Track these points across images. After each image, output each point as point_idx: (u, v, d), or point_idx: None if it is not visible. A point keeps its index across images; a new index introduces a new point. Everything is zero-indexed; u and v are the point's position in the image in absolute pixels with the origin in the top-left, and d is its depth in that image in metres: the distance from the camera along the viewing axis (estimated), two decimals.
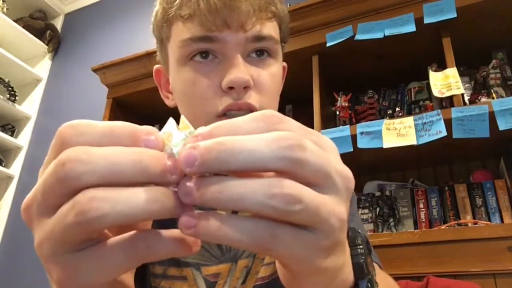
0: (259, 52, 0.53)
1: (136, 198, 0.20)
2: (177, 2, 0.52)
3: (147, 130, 0.22)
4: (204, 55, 0.51)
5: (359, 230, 0.34)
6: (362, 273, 0.31)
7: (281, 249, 0.22)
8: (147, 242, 0.22)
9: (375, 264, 0.42)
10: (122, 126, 0.22)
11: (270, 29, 0.53)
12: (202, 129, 0.22)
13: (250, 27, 0.50)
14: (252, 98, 0.50)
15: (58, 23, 2.87)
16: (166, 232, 0.22)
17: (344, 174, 0.24)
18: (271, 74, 0.53)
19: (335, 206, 0.23)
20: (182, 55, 0.52)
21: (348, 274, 0.30)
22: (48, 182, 0.21)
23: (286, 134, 0.21)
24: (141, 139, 0.22)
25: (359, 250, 0.31)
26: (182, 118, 0.24)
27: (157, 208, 0.21)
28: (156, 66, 0.63)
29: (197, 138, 0.22)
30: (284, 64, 0.65)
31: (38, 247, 0.23)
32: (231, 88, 0.49)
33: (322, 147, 0.23)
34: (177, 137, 0.22)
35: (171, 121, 0.23)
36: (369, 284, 0.31)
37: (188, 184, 0.21)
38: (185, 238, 0.23)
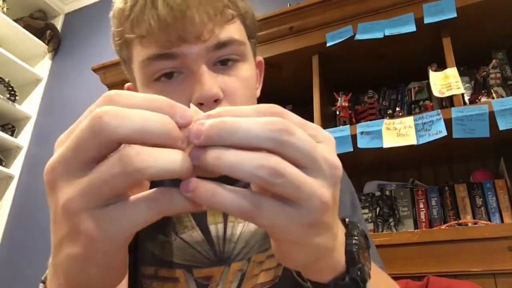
0: (224, 61, 0.50)
1: (171, 157, 0.24)
2: (127, 24, 0.49)
3: (183, 107, 0.26)
4: (168, 76, 0.49)
5: (358, 225, 0.36)
6: (353, 261, 0.33)
7: (263, 218, 0.25)
8: (169, 196, 0.25)
9: (376, 266, 0.42)
10: (163, 99, 0.26)
11: (232, 32, 0.50)
12: (213, 111, 0.26)
13: (209, 36, 0.47)
14: None
15: (58, 23, 2.87)
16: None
17: (331, 162, 0.27)
18: (242, 78, 0.51)
19: (318, 188, 0.26)
20: (145, 76, 0.50)
21: (339, 259, 0.32)
22: (83, 136, 0.23)
23: (277, 119, 0.25)
24: (177, 112, 0.25)
25: (354, 240, 0.34)
26: (192, 105, 0.28)
27: (184, 168, 0.24)
28: (127, 84, 0.60)
29: (208, 117, 0.26)
30: (260, 58, 0.62)
31: (66, 204, 0.24)
32: (201, 103, 0.47)
33: (316, 138, 0.27)
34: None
35: (192, 106, 0.28)
36: (359, 272, 0.33)
37: (197, 151, 0.25)
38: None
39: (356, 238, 0.34)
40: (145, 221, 0.25)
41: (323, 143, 0.27)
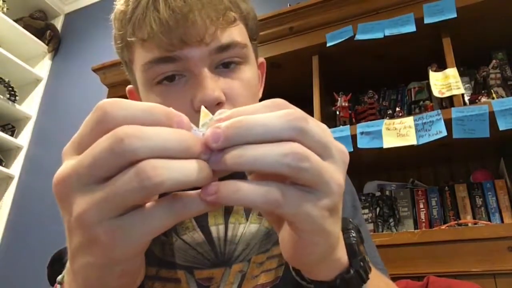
0: (226, 63, 0.49)
1: (188, 168, 0.24)
2: (129, 27, 0.49)
3: (178, 113, 0.26)
4: (170, 79, 0.49)
5: (350, 219, 0.38)
6: (354, 253, 0.34)
7: (289, 205, 0.25)
8: (183, 202, 0.25)
9: (376, 269, 0.42)
10: (160, 107, 0.26)
11: (234, 34, 0.49)
12: (222, 114, 0.27)
13: (211, 39, 0.47)
14: None
15: (58, 23, 2.87)
16: (194, 193, 0.26)
17: (340, 148, 0.29)
18: (244, 81, 0.50)
19: (334, 172, 0.27)
20: (147, 79, 0.50)
21: (341, 253, 0.33)
22: (102, 155, 0.24)
23: (291, 110, 0.26)
24: (174, 120, 0.26)
25: (351, 234, 0.36)
26: (202, 108, 0.28)
27: (202, 176, 0.24)
28: (129, 87, 0.59)
29: (219, 121, 0.26)
30: (261, 59, 0.62)
31: (81, 216, 0.24)
32: None
33: (320, 128, 0.28)
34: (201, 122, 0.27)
35: (203, 109, 0.28)
36: (361, 263, 0.35)
37: (216, 155, 0.25)
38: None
39: (353, 232, 0.36)
40: (162, 228, 0.25)
41: (327, 132, 0.29)
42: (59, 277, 0.36)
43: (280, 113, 0.26)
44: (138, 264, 0.28)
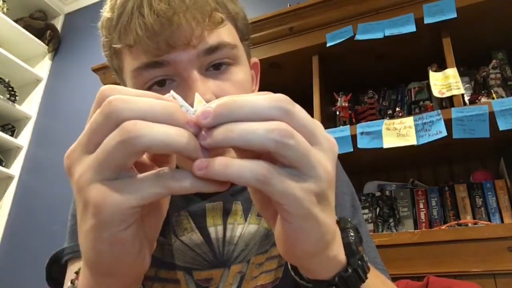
0: (216, 65, 0.49)
1: (169, 130, 0.26)
2: (115, 34, 0.48)
3: (169, 98, 0.28)
4: (160, 84, 0.48)
5: (349, 219, 0.39)
6: (352, 252, 0.35)
7: (277, 184, 0.26)
8: (173, 174, 0.27)
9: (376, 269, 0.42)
10: (152, 93, 0.28)
11: (222, 35, 0.48)
12: (215, 100, 0.29)
13: (198, 41, 0.46)
14: None
15: (58, 23, 2.87)
16: (186, 170, 0.27)
17: (328, 137, 0.29)
18: (236, 82, 0.49)
19: (321, 159, 0.28)
20: (137, 85, 0.49)
21: (338, 252, 0.33)
22: (95, 120, 0.26)
23: (280, 95, 0.27)
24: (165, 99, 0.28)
25: (349, 233, 0.36)
26: (197, 95, 0.30)
27: (183, 142, 0.26)
28: None
29: (210, 104, 0.28)
30: (255, 60, 0.62)
31: (78, 180, 0.27)
32: None
33: (307, 116, 0.29)
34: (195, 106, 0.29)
35: (196, 96, 0.30)
36: (360, 262, 0.35)
37: (205, 131, 0.27)
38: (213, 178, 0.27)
39: (350, 231, 0.36)
40: (150, 196, 0.26)
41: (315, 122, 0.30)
42: (76, 269, 0.38)
43: (267, 95, 0.27)
44: (130, 234, 0.28)
